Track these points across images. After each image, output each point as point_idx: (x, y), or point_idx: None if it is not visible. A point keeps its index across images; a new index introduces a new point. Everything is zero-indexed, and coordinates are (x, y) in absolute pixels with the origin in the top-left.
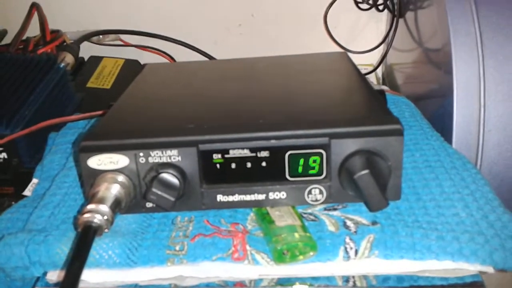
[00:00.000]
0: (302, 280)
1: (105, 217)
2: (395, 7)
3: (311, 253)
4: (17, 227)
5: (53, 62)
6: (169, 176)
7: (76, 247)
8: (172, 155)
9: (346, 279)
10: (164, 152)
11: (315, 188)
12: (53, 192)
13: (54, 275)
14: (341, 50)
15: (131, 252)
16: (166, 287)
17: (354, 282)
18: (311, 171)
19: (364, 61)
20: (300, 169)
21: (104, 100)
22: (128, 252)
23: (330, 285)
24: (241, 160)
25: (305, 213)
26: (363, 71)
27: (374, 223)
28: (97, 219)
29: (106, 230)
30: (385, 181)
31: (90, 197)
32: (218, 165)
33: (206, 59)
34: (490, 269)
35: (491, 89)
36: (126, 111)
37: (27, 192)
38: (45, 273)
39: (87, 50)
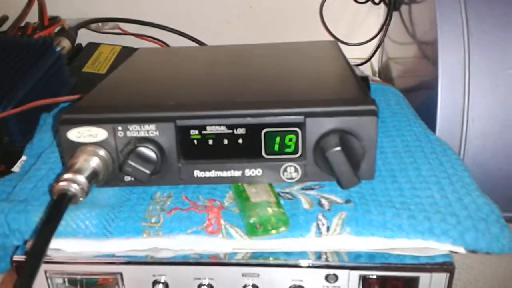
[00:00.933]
0: (275, 255)
1: (81, 186)
2: (391, 0)
3: (283, 228)
4: (1, 198)
5: (49, 45)
6: (146, 150)
7: (49, 212)
8: (150, 130)
9: (319, 256)
10: (142, 126)
11: (291, 166)
12: (38, 167)
13: None
14: None
15: (107, 223)
16: (142, 258)
17: (326, 258)
18: (287, 150)
19: (361, 55)
20: (276, 147)
21: None
22: (105, 223)
23: (303, 260)
24: (218, 137)
25: (283, 192)
26: (358, 63)
27: (347, 201)
28: (73, 187)
29: (81, 199)
30: (358, 160)
31: (68, 167)
32: (195, 141)
33: None
34: (461, 250)
35: (476, 78)
36: (110, 88)
37: (16, 168)
38: (25, 242)
39: (86, 38)
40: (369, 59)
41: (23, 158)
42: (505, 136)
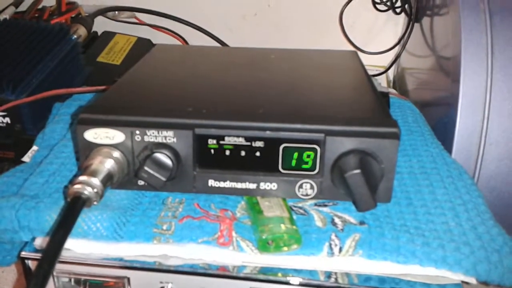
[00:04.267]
0: (284, 272)
1: (95, 190)
2: (412, 10)
3: (295, 246)
4: (11, 191)
5: (65, 33)
6: (162, 156)
7: (63, 216)
8: (168, 136)
9: (329, 275)
10: (160, 132)
11: (307, 182)
12: (50, 161)
13: (42, 242)
14: (353, 49)
15: (118, 226)
16: (151, 264)
17: (336, 278)
18: (304, 166)
19: (378, 63)
20: (293, 162)
21: (113, 75)
22: (115, 226)
23: (312, 279)
24: (235, 148)
25: (295, 207)
26: (375, 73)
27: (361, 223)
28: (87, 191)
29: (95, 203)
30: (376, 182)
31: (83, 168)
32: (212, 151)
33: (219, 45)
34: (473, 280)
35: (497, 102)
36: (128, 88)
37: (26, 158)
38: (33, 239)
39: (101, 25)
40: (386, 70)
41: (34, 148)
42: None
